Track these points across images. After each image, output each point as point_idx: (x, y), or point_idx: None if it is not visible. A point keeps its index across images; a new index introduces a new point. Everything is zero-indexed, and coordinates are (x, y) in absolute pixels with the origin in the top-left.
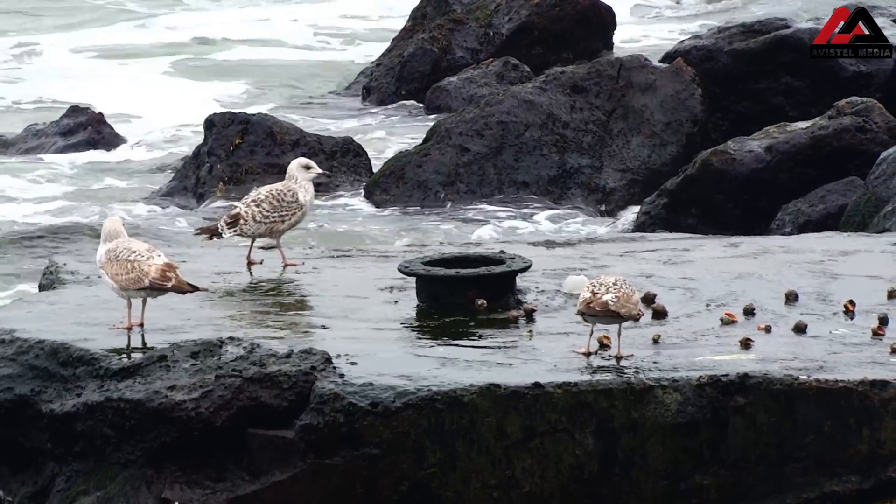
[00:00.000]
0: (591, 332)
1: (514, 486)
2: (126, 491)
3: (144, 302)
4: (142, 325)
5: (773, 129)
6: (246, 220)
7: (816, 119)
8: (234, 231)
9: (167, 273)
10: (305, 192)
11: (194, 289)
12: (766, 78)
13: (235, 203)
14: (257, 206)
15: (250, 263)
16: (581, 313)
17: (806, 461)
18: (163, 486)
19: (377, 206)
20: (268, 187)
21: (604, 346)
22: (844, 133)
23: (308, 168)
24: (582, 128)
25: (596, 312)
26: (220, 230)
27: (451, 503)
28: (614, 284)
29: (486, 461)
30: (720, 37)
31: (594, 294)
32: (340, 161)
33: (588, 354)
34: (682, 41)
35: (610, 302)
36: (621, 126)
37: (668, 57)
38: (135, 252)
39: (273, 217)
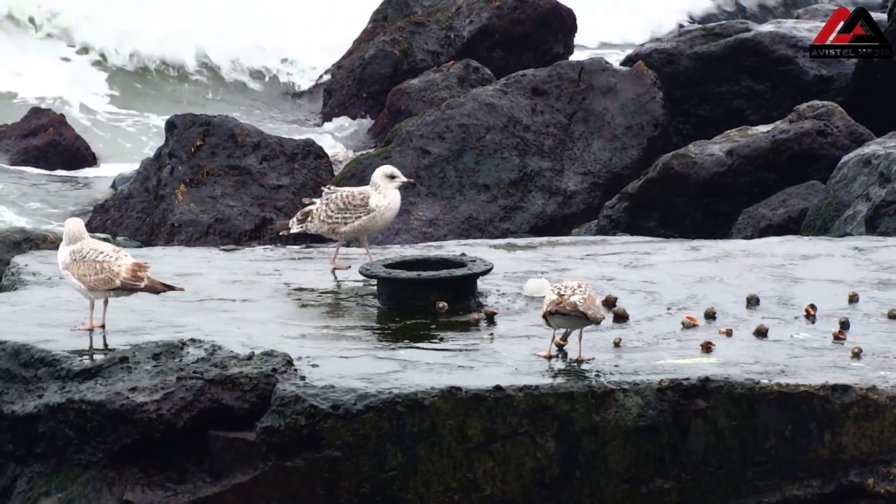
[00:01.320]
0: (553, 336)
1: (476, 489)
2: (87, 492)
3: (106, 303)
4: (103, 326)
5: (734, 132)
6: (313, 218)
7: (777, 123)
8: (302, 226)
9: (138, 273)
10: (382, 199)
11: (169, 288)
12: (727, 81)
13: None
14: (327, 204)
15: (335, 269)
16: (549, 314)
17: (767, 465)
18: (124, 488)
19: None
20: (347, 189)
21: (562, 348)
22: (805, 137)
23: (392, 177)
24: (543, 131)
25: (566, 312)
26: (290, 225)
27: None
28: (578, 287)
29: (448, 464)
30: (681, 40)
31: (561, 296)
32: (301, 163)
33: (550, 358)
34: (643, 44)
35: (578, 303)
36: (582, 129)
37: (629, 60)
38: (102, 253)
39: (336, 218)
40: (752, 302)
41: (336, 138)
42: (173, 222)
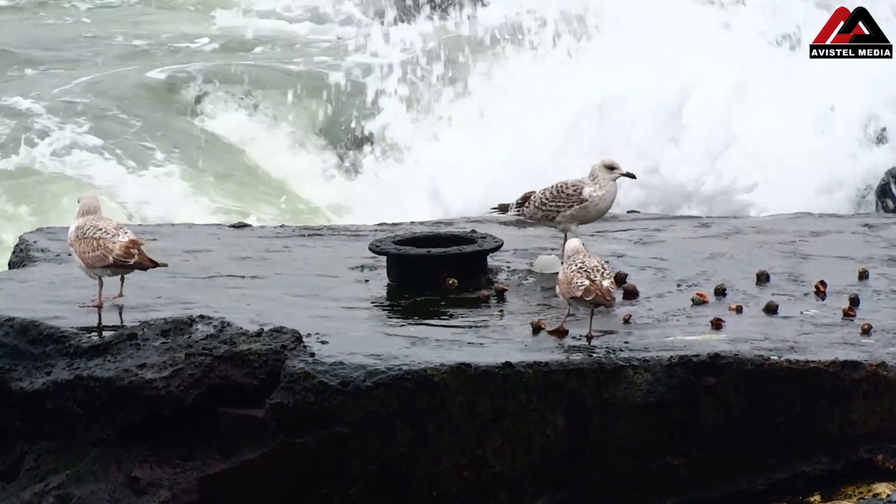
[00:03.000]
0: (567, 312)
1: (485, 465)
2: (96, 469)
3: (101, 284)
4: (100, 306)
5: None
6: (530, 203)
7: None
8: (518, 211)
9: (131, 250)
10: (597, 189)
11: (155, 264)
12: None
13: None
14: (543, 191)
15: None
16: (577, 299)
17: (776, 442)
18: (133, 465)
19: None
20: (566, 179)
21: (540, 329)
22: None
23: (612, 168)
24: None
25: (601, 302)
26: (511, 207)
27: (422, 483)
28: (603, 268)
29: (457, 441)
30: None
31: (592, 281)
32: None
33: (564, 334)
34: None
35: (612, 289)
36: None
37: None
38: (101, 230)
39: (549, 206)
40: (762, 278)
41: None
42: None
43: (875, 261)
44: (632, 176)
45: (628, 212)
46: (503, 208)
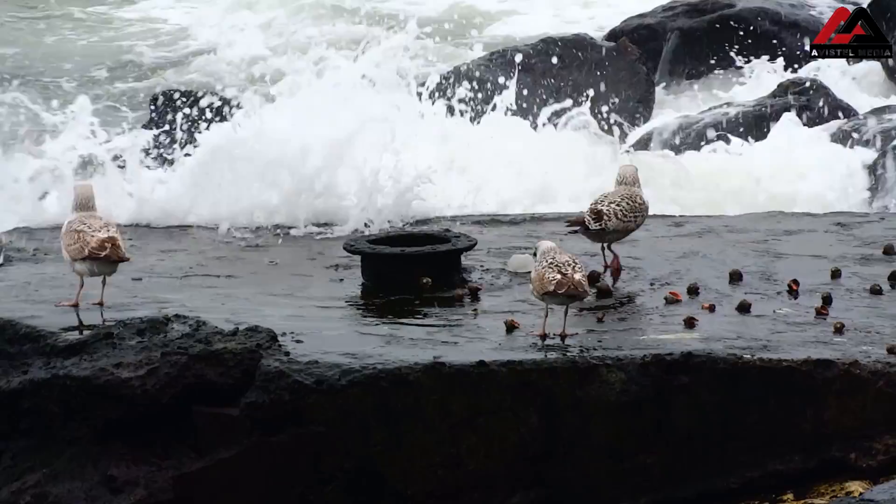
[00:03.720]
0: (546, 313)
1: (459, 464)
2: (72, 468)
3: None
4: (76, 305)
5: (717, 107)
6: (609, 217)
7: (762, 97)
8: (599, 225)
9: (105, 244)
10: (646, 198)
11: (121, 259)
12: (711, 56)
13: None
14: (617, 205)
15: (614, 269)
16: (549, 294)
17: (750, 440)
18: (109, 463)
19: None
20: (613, 192)
21: (514, 328)
22: (788, 111)
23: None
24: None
25: (574, 293)
26: (587, 222)
27: (397, 481)
28: (574, 262)
29: (432, 440)
30: (665, 15)
31: (563, 274)
32: None
33: (544, 336)
34: (627, 19)
35: (583, 282)
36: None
37: (613, 35)
38: (85, 224)
39: (629, 217)
40: (735, 277)
41: None
42: None
43: (848, 259)
44: None
45: None
46: (578, 223)
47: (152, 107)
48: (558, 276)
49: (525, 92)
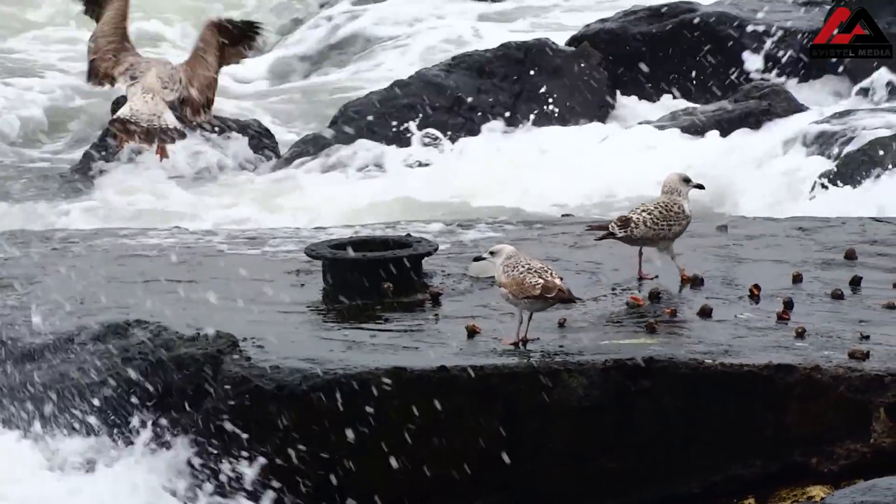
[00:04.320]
0: (520, 319)
1: (422, 469)
2: None
3: None
4: None
5: (679, 112)
6: (637, 225)
7: (722, 102)
8: (625, 232)
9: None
10: (688, 204)
11: None
12: (673, 61)
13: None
14: (648, 213)
15: (642, 278)
16: (533, 298)
17: (711, 445)
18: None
19: None
20: (652, 200)
21: (475, 332)
22: (749, 116)
23: (687, 181)
24: (488, 110)
25: (564, 298)
26: (612, 230)
27: (358, 486)
28: (549, 269)
29: (394, 445)
30: (627, 20)
31: (544, 279)
32: (249, 143)
33: (518, 343)
34: (589, 24)
35: (565, 286)
36: (527, 109)
37: (575, 40)
38: None
39: (662, 225)
40: (697, 282)
41: (281, 118)
42: None
43: (809, 264)
44: (701, 187)
45: (563, 215)
46: (601, 228)
47: None
48: (541, 281)
49: (485, 97)
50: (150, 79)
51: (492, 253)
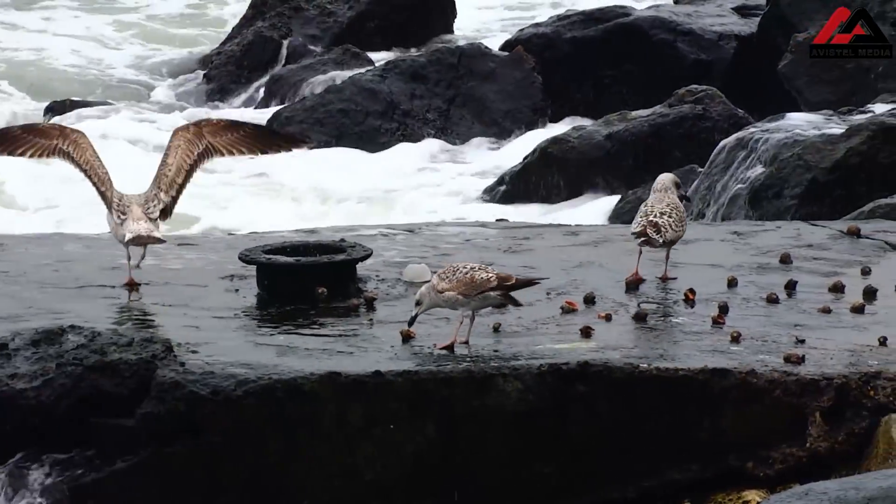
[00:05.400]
0: (462, 320)
1: (356, 474)
2: None
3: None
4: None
5: (613, 116)
6: (666, 229)
7: (657, 107)
8: (659, 237)
9: None
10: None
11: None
12: (607, 66)
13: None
14: (668, 217)
15: (666, 279)
16: (486, 291)
17: (647, 449)
18: (3, 475)
19: None
20: (658, 202)
21: (409, 337)
22: (684, 121)
23: (678, 186)
24: (422, 116)
25: (522, 284)
26: (651, 237)
27: (293, 491)
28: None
29: (328, 450)
30: (560, 24)
31: (498, 275)
32: None
33: (462, 343)
34: (523, 29)
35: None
36: (462, 114)
37: (509, 45)
38: None
39: (680, 227)
40: (632, 286)
41: None
42: None
43: (744, 268)
44: (688, 199)
45: (497, 220)
46: (641, 234)
47: None
48: (493, 274)
49: (417, 102)
50: (136, 212)
51: (418, 302)
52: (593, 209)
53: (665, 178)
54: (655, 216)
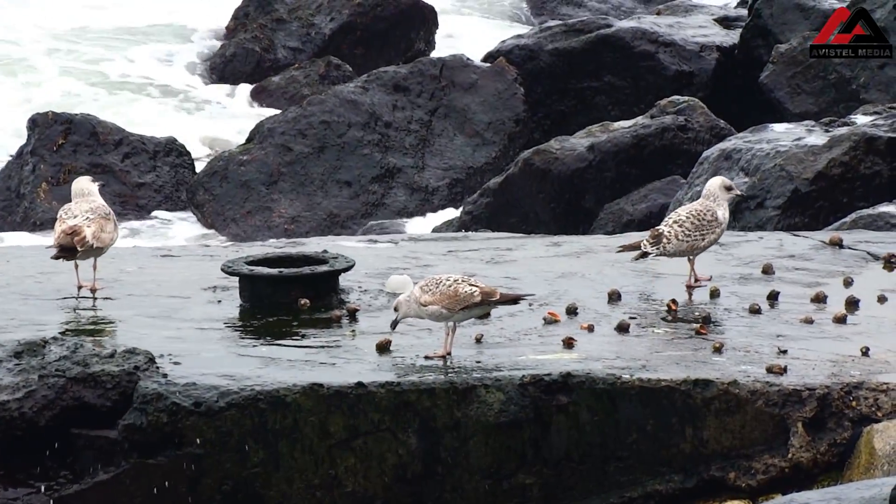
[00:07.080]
0: (447, 331)
1: (338, 485)
2: None
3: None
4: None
5: (595, 128)
6: (669, 239)
7: (639, 118)
8: (659, 249)
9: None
10: (724, 212)
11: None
12: (589, 77)
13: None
14: (679, 225)
15: (690, 287)
16: (474, 305)
17: (629, 460)
18: None
19: (198, 207)
20: (686, 207)
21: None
22: (666, 132)
23: (729, 189)
24: (404, 127)
25: (507, 300)
26: (644, 247)
27: (275, 502)
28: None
29: (310, 461)
30: (542, 36)
31: (478, 286)
32: (163, 161)
33: (448, 355)
34: (505, 40)
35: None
36: (443, 125)
37: (491, 56)
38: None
39: (695, 235)
40: (614, 297)
41: (198, 135)
42: (35, 220)
43: (727, 279)
44: (743, 197)
45: (479, 231)
46: (634, 247)
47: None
48: (477, 288)
49: (399, 114)
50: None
51: (395, 308)
52: (574, 220)
53: (710, 184)
54: (664, 223)
